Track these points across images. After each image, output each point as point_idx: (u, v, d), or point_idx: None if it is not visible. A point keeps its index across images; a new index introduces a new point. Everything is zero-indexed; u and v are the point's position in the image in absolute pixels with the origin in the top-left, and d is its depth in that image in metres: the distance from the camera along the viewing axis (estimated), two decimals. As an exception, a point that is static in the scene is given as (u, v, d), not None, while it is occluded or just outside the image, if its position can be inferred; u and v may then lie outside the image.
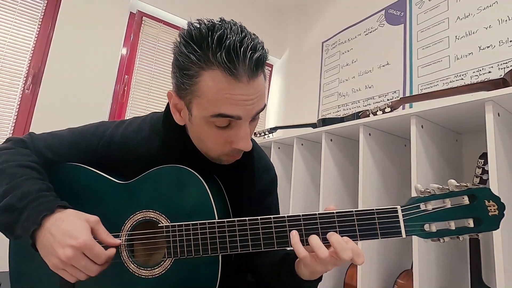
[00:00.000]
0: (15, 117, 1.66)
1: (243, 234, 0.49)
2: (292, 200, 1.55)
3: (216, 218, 0.53)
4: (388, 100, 1.64)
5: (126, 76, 1.96)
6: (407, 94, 1.53)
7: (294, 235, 0.46)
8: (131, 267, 0.56)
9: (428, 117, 1.05)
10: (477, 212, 0.42)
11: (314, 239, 0.45)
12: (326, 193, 1.36)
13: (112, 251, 0.51)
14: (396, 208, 0.44)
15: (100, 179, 0.61)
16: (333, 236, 0.44)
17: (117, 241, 0.53)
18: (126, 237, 0.57)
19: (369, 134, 1.23)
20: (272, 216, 0.49)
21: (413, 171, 0.99)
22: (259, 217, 0.49)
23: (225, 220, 0.51)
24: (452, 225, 0.43)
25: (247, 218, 0.50)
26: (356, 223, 0.45)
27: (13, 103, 1.66)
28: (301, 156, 1.62)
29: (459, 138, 1.22)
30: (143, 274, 0.55)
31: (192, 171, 0.56)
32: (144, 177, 0.59)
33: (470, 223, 0.42)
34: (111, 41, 1.89)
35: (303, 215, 0.47)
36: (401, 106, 1.25)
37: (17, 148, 0.61)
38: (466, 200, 0.43)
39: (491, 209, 0.41)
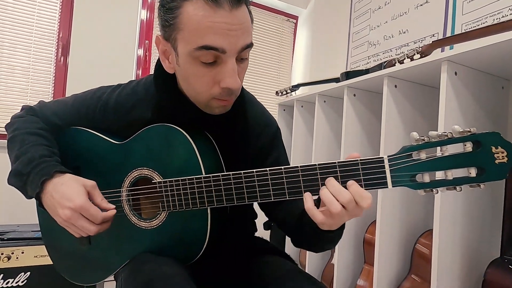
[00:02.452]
0: (53, 86, 1.78)
1: (227, 188, 0.49)
2: (314, 159, 1.51)
3: (203, 174, 0.53)
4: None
5: (147, 41, 1.97)
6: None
7: (308, 199, 0.44)
8: (133, 219, 0.60)
9: (464, 61, 0.90)
10: (481, 160, 0.36)
11: (326, 194, 0.42)
12: (348, 151, 1.30)
13: (108, 213, 0.54)
14: (382, 157, 0.40)
15: (100, 141, 0.64)
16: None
17: (110, 205, 0.56)
18: (126, 193, 0.60)
19: (395, 86, 1.11)
20: (254, 170, 0.47)
21: (440, 126, 0.88)
22: (242, 171, 0.48)
23: (211, 175, 0.50)
24: (449, 174, 0.38)
25: (231, 173, 0.49)
26: (338, 174, 0.41)
27: (49, 74, 1.78)
28: (323, 114, 1.54)
29: (506, 85, 1.04)
30: (143, 225, 0.59)
31: (179, 129, 0.55)
32: (137, 136, 0.60)
33: (472, 172, 0.37)
34: (128, 5, 1.88)
35: (285, 168, 0.45)
36: (439, 51, 1.09)
37: (27, 116, 0.66)
38: (469, 147, 0.37)
39: (498, 156, 0.35)
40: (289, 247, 1.71)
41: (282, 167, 0.45)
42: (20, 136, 0.61)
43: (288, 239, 1.72)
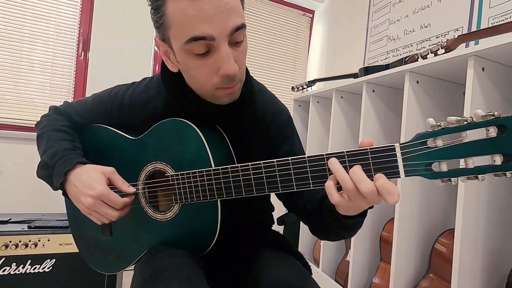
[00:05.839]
0: (74, 82, 1.84)
1: (236, 180, 0.49)
2: (330, 156, 1.48)
3: (213, 166, 0.53)
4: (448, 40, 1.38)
5: (165, 37, 2.00)
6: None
7: (330, 178, 0.42)
8: (149, 211, 0.62)
9: (493, 57, 0.85)
10: (507, 145, 0.33)
11: (345, 179, 0.40)
12: (364, 148, 1.27)
13: (127, 198, 0.57)
14: (394, 145, 0.38)
15: (117, 137, 0.67)
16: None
17: (131, 188, 0.59)
18: (142, 186, 0.62)
19: (417, 82, 1.07)
20: (262, 162, 0.47)
21: (463, 121, 0.84)
22: (250, 163, 0.48)
23: (219, 168, 0.51)
24: (470, 163, 0.35)
25: (239, 165, 0.49)
26: (347, 164, 0.40)
27: (70, 69, 1.83)
28: (340, 110, 1.51)
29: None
30: (158, 217, 0.60)
31: (189, 123, 0.56)
32: (150, 131, 0.62)
33: (497, 159, 0.34)
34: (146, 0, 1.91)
35: (292, 159, 0.45)
36: (463, 46, 1.03)
37: (53, 115, 0.73)
38: (492, 132, 0.34)
39: (528, 141, 0.32)
40: (303, 243, 1.70)
41: (289, 158, 0.44)
42: (47, 133, 0.67)
43: (301, 236, 1.71)
